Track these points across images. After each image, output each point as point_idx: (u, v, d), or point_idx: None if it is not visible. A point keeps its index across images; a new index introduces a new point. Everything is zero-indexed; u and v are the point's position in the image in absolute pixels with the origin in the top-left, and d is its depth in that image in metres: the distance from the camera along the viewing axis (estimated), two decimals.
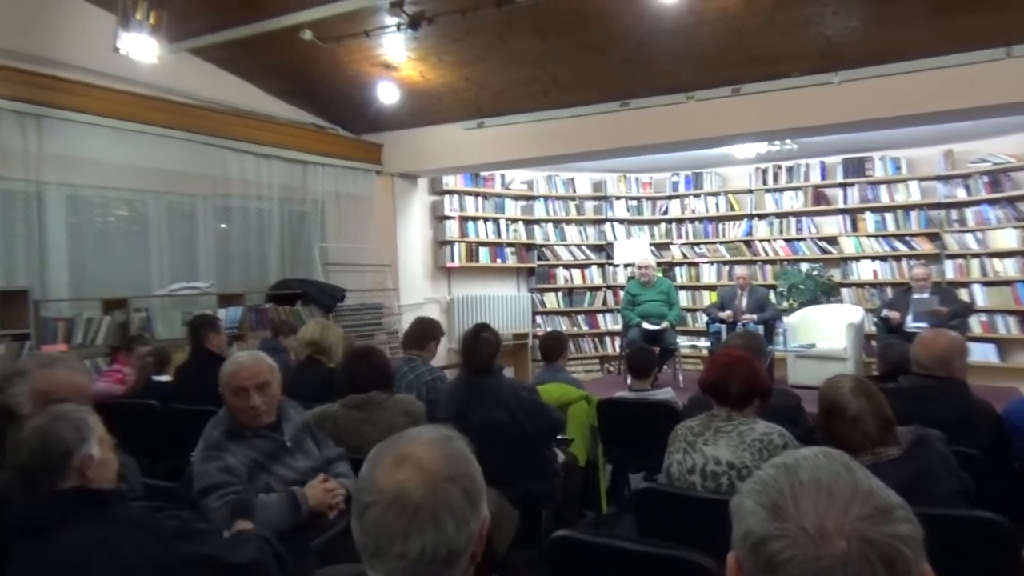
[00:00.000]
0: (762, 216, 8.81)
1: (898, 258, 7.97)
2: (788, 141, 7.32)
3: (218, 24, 5.54)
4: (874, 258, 8.10)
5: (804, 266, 8.31)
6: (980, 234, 7.52)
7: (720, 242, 9.06)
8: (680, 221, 9.38)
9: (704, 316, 8.10)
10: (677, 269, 9.32)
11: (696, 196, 9.25)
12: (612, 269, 9.34)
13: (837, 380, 2.22)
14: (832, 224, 8.43)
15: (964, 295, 7.23)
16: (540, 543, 3.04)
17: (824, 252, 8.37)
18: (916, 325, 5.95)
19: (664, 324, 7.16)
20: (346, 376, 3.06)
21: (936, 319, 5.84)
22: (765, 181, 8.78)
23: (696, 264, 9.22)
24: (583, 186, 9.54)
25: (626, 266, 8.99)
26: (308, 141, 7.14)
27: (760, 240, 8.78)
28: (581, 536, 1.93)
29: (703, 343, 7.65)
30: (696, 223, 9.27)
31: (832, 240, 8.36)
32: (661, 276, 7.85)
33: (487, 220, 8.85)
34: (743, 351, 2.72)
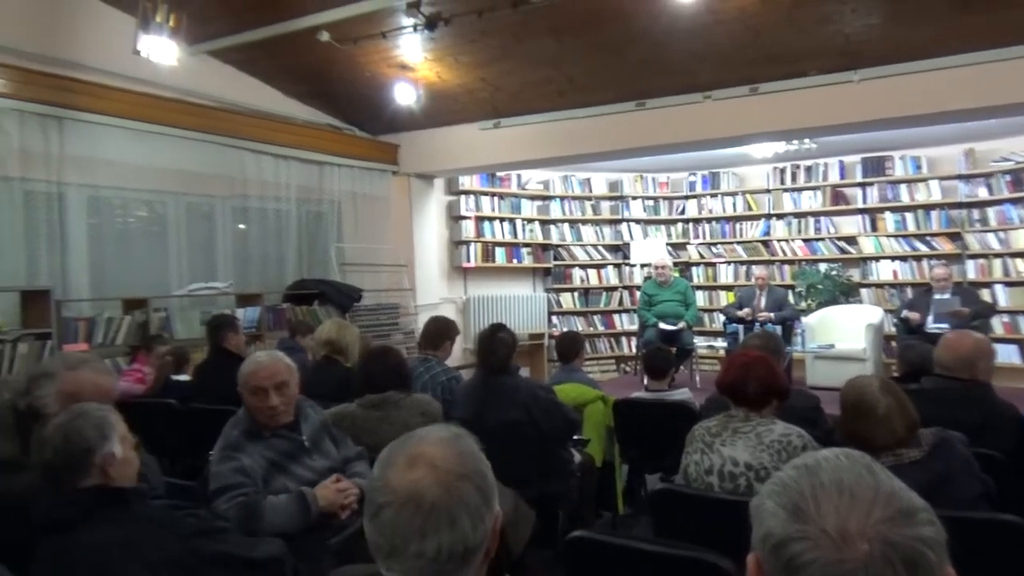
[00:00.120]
0: (780, 216, 8.75)
1: (918, 258, 7.88)
2: (806, 140, 7.26)
3: (236, 26, 5.58)
4: (894, 258, 8.02)
5: (823, 266, 8.24)
6: (1002, 234, 7.43)
7: (737, 242, 9.01)
8: (697, 221, 9.33)
9: (721, 316, 8.05)
10: (694, 269, 9.27)
11: (713, 196, 9.20)
12: (628, 269, 9.31)
13: (863, 378, 2.19)
14: (851, 224, 8.36)
15: (986, 295, 7.14)
16: (556, 543, 3.05)
17: (843, 252, 8.30)
18: (937, 326, 5.89)
19: (681, 324, 7.13)
20: (363, 376, 3.07)
21: (957, 320, 5.77)
22: (783, 181, 8.72)
23: (713, 264, 9.17)
24: (599, 186, 9.52)
25: (642, 266, 8.96)
26: (325, 142, 7.18)
27: (778, 240, 8.72)
28: (598, 536, 1.93)
29: (720, 343, 7.61)
30: (713, 223, 9.22)
31: (851, 240, 8.29)
32: (678, 276, 7.82)
33: (503, 220, 8.86)
34: (761, 351, 2.70)
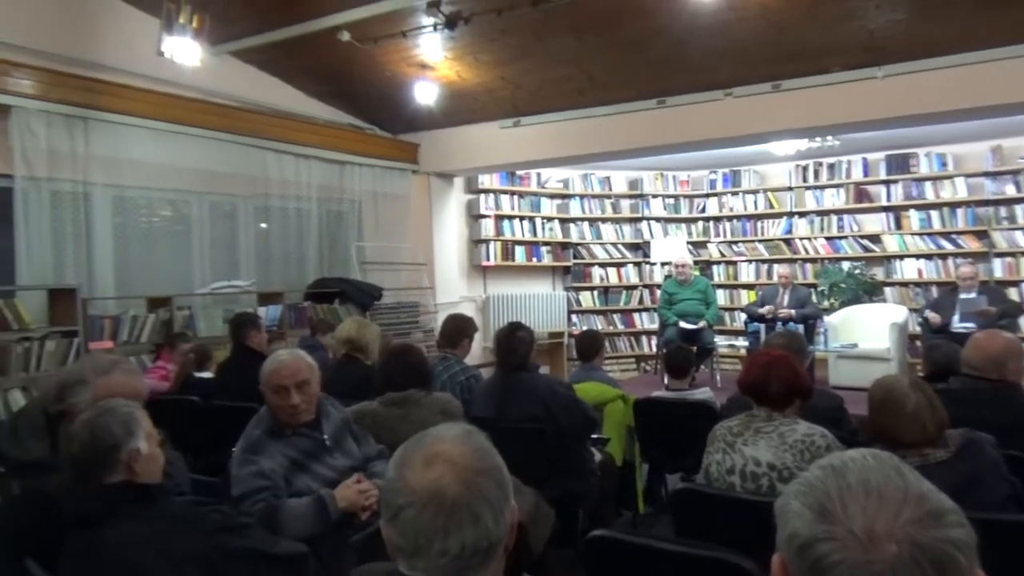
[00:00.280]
0: (802, 214, 8.67)
1: (944, 256, 7.76)
2: (829, 137, 7.18)
3: (259, 27, 5.63)
4: (919, 256, 7.91)
5: (846, 265, 8.15)
6: None
7: (759, 240, 8.93)
8: (718, 219, 9.27)
9: (742, 315, 7.99)
10: (714, 268, 9.21)
11: (734, 194, 9.13)
12: (648, 268, 9.28)
13: (892, 376, 2.18)
14: (875, 222, 8.25)
15: (1013, 294, 7.01)
16: (576, 543, 3.04)
17: (866, 250, 8.20)
18: (963, 326, 5.80)
19: (701, 323, 7.09)
20: (383, 374, 3.08)
21: (984, 319, 5.68)
22: (805, 178, 8.64)
23: (734, 263, 9.11)
24: (619, 184, 9.49)
25: (663, 264, 8.92)
26: (346, 141, 7.22)
27: (800, 238, 8.63)
28: (619, 536, 1.92)
29: (741, 342, 7.55)
30: (734, 221, 9.15)
31: (875, 238, 8.19)
32: (698, 275, 7.77)
33: (523, 219, 8.85)
34: (784, 350, 2.68)
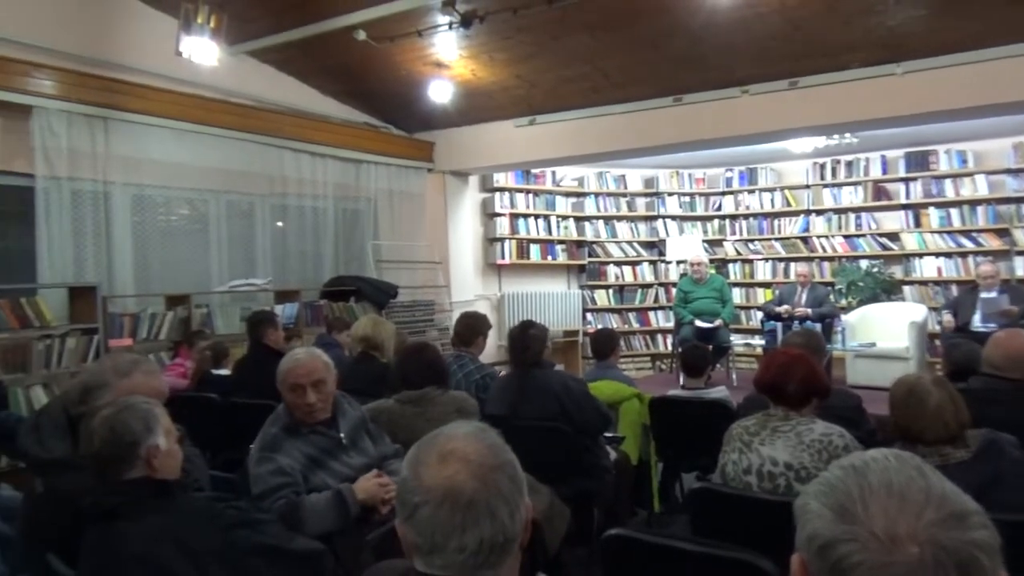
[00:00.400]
0: (820, 212, 8.59)
1: (964, 255, 7.67)
2: (847, 135, 7.12)
3: (276, 27, 5.66)
4: (938, 255, 7.82)
5: (864, 263, 8.08)
6: None
7: (776, 238, 8.87)
8: (734, 217, 9.22)
9: (759, 314, 7.94)
10: (731, 266, 9.16)
11: (751, 192, 9.08)
12: (664, 266, 9.24)
13: (914, 374, 2.16)
14: (894, 220, 8.17)
15: None
16: (591, 541, 3.04)
17: (885, 249, 8.12)
18: (984, 325, 5.73)
19: (717, 322, 7.04)
20: (399, 372, 3.09)
21: (1006, 319, 5.60)
22: (823, 176, 8.56)
23: (750, 261, 9.05)
24: (634, 182, 9.46)
25: (678, 263, 8.88)
26: (362, 140, 7.25)
27: (817, 236, 8.56)
28: (635, 535, 1.91)
29: (757, 341, 7.50)
30: (751, 219, 9.10)
31: (893, 236, 8.11)
32: (714, 273, 7.73)
33: (538, 217, 8.85)
34: (801, 349, 2.66)
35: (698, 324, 7.03)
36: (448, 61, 6.15)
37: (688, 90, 6.38)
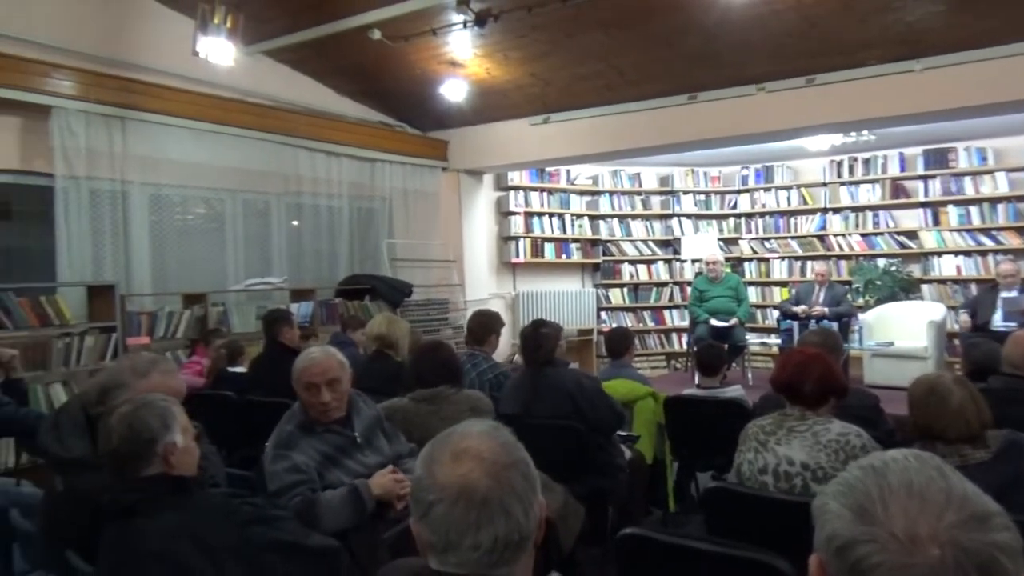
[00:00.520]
0: (837, 210, 8.52)
1: (983, 253, 7.59)
2: (865, 132, 7.05)
3: (291, 26, 5.69)
4: (957, 253, 7.74)
5: (881, 262, 8.00)
6: None
7: (792, 237, 8.81)
8: (750, 216, 9.16)
9: (774, 313, 7.89)
10: (746, 265, 9.10)
11: (767, 190, 9.02)
12: (679, 264, 9.20)
13: (934, 373, 2.14)
14: (912, 218, 8.09)
15: None
16: (606, 540, 3.03)
17: (903, 247, 8.04)
18: (1004, 324, 5.66)
19: (733, 321, 7.01)
20: (414, 370, 3.10)
21: None
22: (840, 174, 8.49)
23: (766, 260, 8.99)
24: (649, 180, 9.42)
25: (693, 261, 8.84)
26: (376, 139, 7.27)
27: (834, 235, 8.49)
28: (650, 534, 1.91)
29: (773, 340, 7.45)
30: (767, 217, 9.04)
31: (912, 235, 8.03)
32: (729, 272, 7.68)
33: (552, 216, 8.84)
34: (818, 348, 2.64)
35: (713, 323, 7.00)
36: (462, 60, 6.16)
37: (703, 88, 6.34)
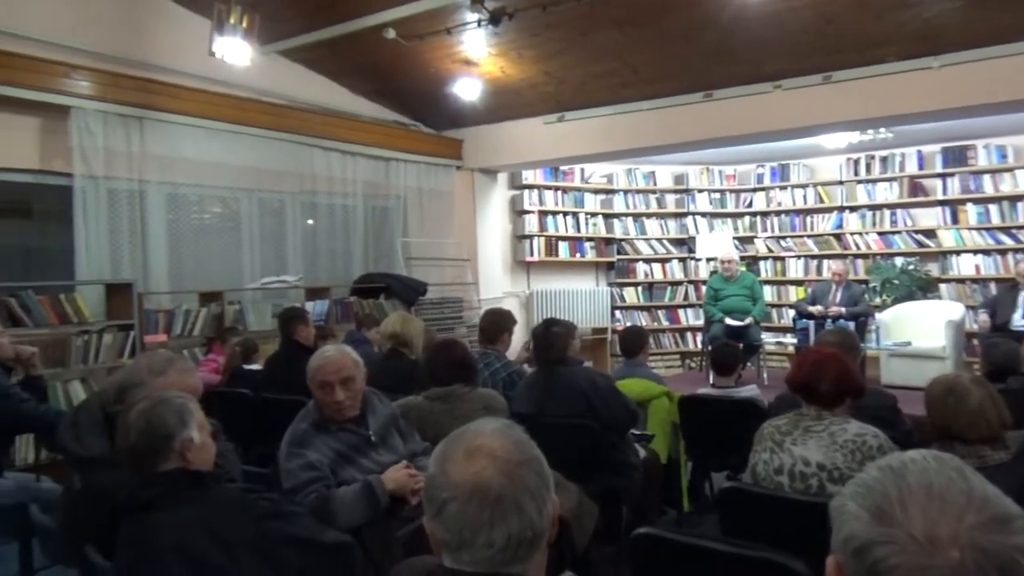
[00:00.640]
0: (853, 208, 8.45)
1: (1003, 252, 7.50)
2: (882, 130, 6.98)
3: (307, 26, 5.72)
4: (976, 252, 7.65)
5: (899, 260, 7.93)
6: None
7: (808, 235, 8.74)
8: (765, 214, 9.10)
9: (790, 312, 7.84)
10: (762, 263, 9.05)
11: (783, 188, 8.96)
12: (694, 263, 9.16)
13: (952, 373, 2.12)
14: (930, 216, 8.01)
15: None
16: (620, 539, 3.02)
17: (921, 246, 7.96)
18: None
19: (748, 320, 6.97)
20: (428, 369, 3.11)
21: None
22: (857, 172, 8.42)
23: (782, 258, 8.93)
24: (664, 179, 9.39)
25: (708, 260, 8.80)
26: (391, 138, 7.29)
27: (851, 233, 8.43)
28: (665, 534, 1.90)
29: (789, 340, 7.40)
30: (782, 216, 8.97)
31: (930, 233, 7.95)
32: (744, 270, 7.64)
33: (566, 214, 8.83)
34: (835, 348, 2.62)
35: (728, 322, 6.96)
36: (477, 59, 6.16)
37: (719, 85, 6.31)
